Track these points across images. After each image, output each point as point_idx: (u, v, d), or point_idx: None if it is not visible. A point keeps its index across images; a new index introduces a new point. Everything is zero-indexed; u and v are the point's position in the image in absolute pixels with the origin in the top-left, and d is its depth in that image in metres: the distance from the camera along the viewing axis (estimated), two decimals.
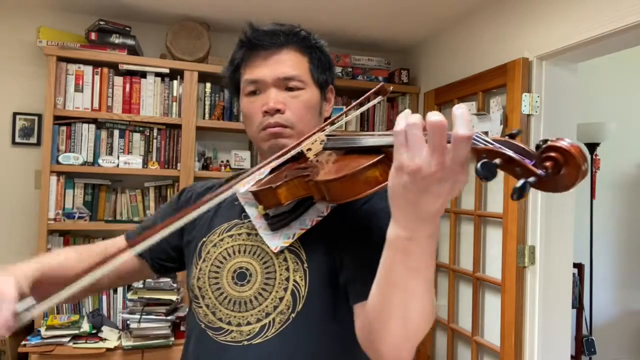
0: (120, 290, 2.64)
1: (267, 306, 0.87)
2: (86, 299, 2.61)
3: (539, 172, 0.52)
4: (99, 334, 2.44)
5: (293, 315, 0.86)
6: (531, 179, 0.52)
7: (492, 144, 0.56)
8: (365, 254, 0.83)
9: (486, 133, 0.59)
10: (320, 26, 2.84)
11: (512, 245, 2.17)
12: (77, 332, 2.39)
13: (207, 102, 2.84)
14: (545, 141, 0.53)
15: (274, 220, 0.89)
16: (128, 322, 2.46)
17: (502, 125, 2.26)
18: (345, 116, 0.92)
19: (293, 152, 0.83)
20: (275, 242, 0.89)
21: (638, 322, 3.45)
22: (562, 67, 2.18)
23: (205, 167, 2.87)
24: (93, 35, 2.60)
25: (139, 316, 2.42)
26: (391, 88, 0.82)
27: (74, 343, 2.35)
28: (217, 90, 2.87)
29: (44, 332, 2.34)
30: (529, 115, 2.16)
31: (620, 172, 3.41)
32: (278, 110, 0.91)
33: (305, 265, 0.88)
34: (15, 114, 2.72)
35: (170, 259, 1.06)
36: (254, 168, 0.82)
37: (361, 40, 3.12)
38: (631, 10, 1.72)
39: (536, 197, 2.15)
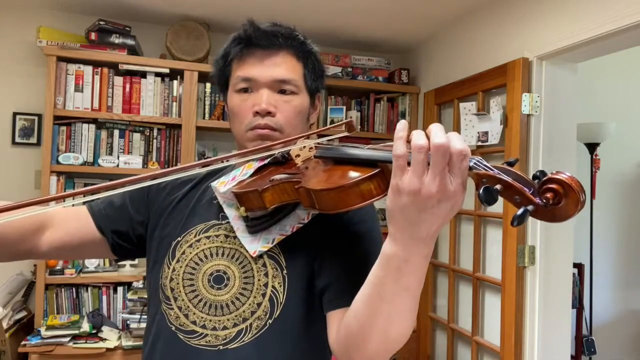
0: (120, 290, 2.64)
1: (244, 311, 0.86)
2: (86, 299, 2.62)
3: (538, 200, 0.56)
4: (99, 334, 2.44)
5: (270, 321, 0.85)
6: (530, 207, 0.55)
7: (492, 169, 0.58)
8: (347, 264, 0.83)
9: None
10: (320, 26, 2.85)
11: (512, 245, 2.17)
12: (77, 332, 2.40)
13: (207, 102, 2.84)
14: (542, 172, 0.56)
15: (253, 223, 0.88)
16: (128, 322, 2.47)
17: (502, 125, 2.26)
18: (307, 138, 0.88)
19: (277, 152, 0.81)
20: (254, 245, 0.87)
21: (638, 322, 3.45)
22: (562, 67, 2.18)
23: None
24: (93, 35, 2.60)
25: (139, 316, 2.42)
26: (357, 128, 0.83)
27: (74, 343, 2.36)
28: (217, 90, 2.86)
29: (44, 332, 2.35)
30: (529, 115, 2.16)
31: (620, 172, 3.41)
32: (269, 113, 0.90)
33: (285, 271, 0.87)
34: (15, 114, 2.72)
35: (130, 242, 1.01)
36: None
37: (361, 40, 3.12)
38: (631, 10, 1.72)
39: None
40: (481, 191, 0.56)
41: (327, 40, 3.05)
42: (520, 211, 0.54)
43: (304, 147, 0.85)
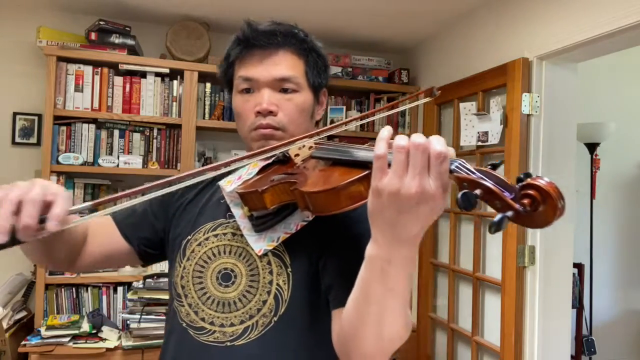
0: (120, 290, 2.64)
1: (250, 308, 0.87)
2: (86, 299, 2.62)
3: (518, 207, 0.54)
4: (99, 334, 2.44)
5: (275, 318, 0.86)
6: (509, 214, 0.54)
7: (473, 173, 0.57)
8: (347, 262, 0.84)
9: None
10: (321, 26, 2.84)
11: (512, 245, 2.17)
12: (77, 332, 2.39)
13: (207, 102, 2.84)
14: (527, 174, 0.55)
15: (258, 222, 0.89)
16: (128, 322, 2.47)
17: (502, 125, 2.26)
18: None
19: (278, 152, 0.82)
20: (260, 244, 0.89)
21: (638, 322, 3.45)
22: (562, 67, 2.18)
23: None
24: (93, 35, 2.60)
25: (139, 316, 2.42)
26: (438, 91, 0.84)
27: (74, 343, 2.36)
28: (217, 90, 2.87)
29: (44, 332, 2.34)
30: (529, 115, 2.16)
31: (620, 172, 3.41)
32: (271, 112, 0.91)
33: (289, 269, 0.88)
34: (15, 114, 2.72)
35: (155, 247, 1.04)
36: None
37: (361, 40, 3.12)
38: (630, 11, 1.72)
39: None
40: (459, 196, 0.55)
41: (327, 40, 3.02)
42: (497, 218, 0.53)
43: (303, 146, 0.85)
